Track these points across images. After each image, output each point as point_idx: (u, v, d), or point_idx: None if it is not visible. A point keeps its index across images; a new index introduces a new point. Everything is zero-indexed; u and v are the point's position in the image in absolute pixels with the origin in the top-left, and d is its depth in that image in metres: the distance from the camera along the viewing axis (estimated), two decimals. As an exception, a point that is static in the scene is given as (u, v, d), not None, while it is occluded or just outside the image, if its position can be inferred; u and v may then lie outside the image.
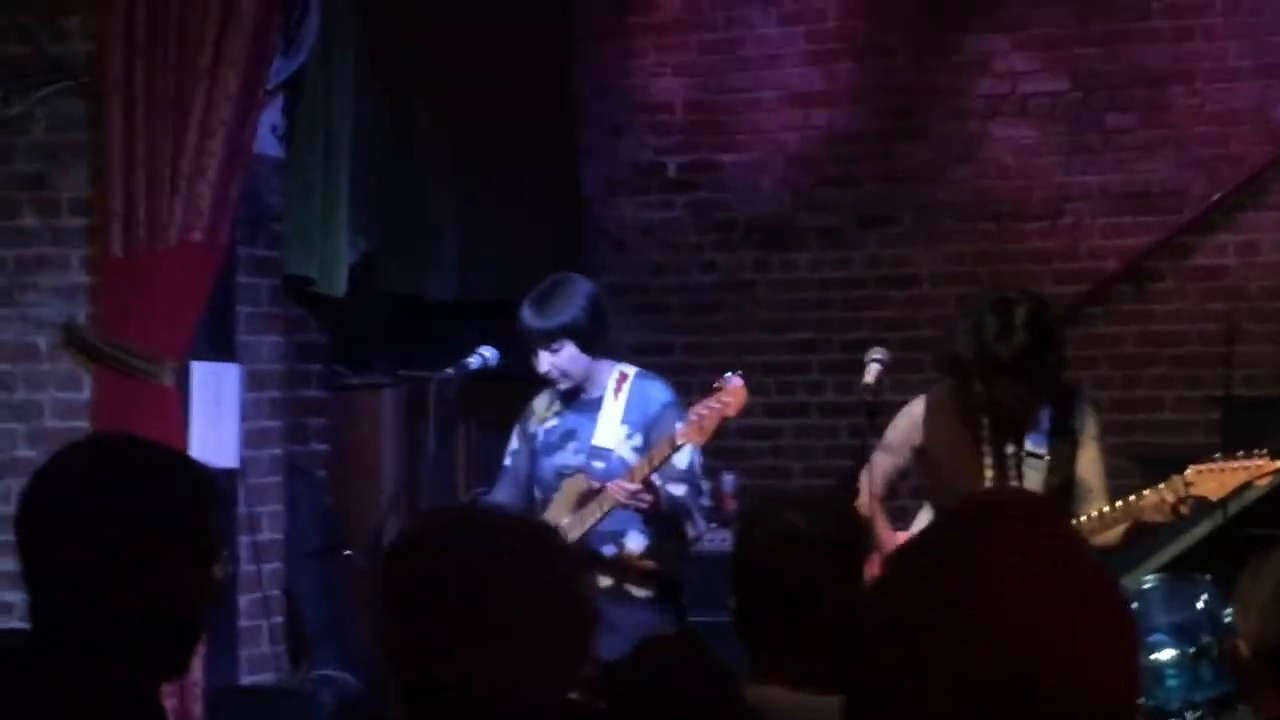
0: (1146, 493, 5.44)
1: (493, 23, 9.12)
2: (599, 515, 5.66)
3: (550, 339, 5.81)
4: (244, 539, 7.02)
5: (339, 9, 7.70)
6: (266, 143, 7.17)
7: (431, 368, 6.42)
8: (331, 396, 8.01)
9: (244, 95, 6.46)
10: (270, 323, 7.34)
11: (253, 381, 7.19)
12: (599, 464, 5.77)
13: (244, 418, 7.01)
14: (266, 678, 7.18)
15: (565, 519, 5.73)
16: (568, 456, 5.88)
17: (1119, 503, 5.46)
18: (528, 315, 5.84)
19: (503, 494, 6.15)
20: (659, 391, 5.84)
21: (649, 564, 5.80)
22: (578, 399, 5.92)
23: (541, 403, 6.05)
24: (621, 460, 5.75)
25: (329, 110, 7.66)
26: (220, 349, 6.93)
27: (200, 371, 6.71)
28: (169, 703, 5.99)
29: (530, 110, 9.39)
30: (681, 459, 5.73)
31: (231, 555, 6.74)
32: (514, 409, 8.57)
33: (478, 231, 8.95)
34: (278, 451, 7.36)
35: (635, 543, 5.81)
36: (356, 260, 7.96)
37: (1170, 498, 5.36)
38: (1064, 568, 1.74)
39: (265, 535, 7.15)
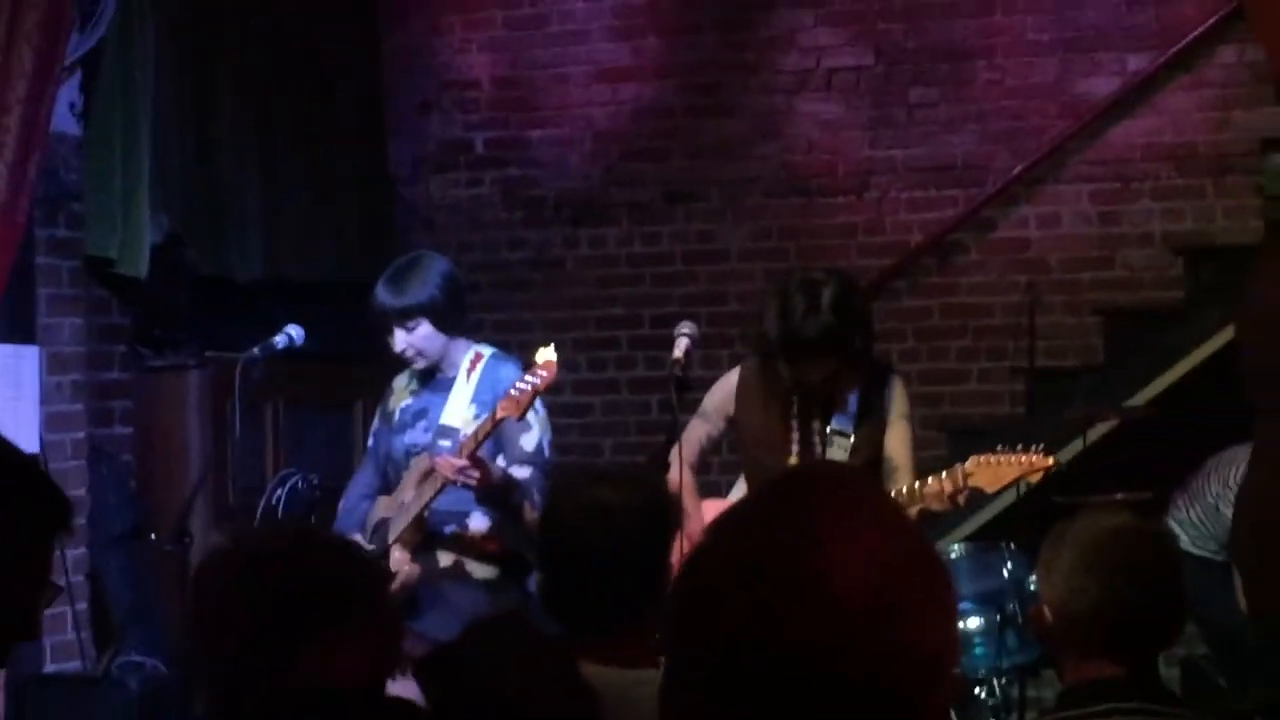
0: (929, 480, 5.50)
1: (298, -1, 9.04)
2: (433, 492, 5.62)
3: (405, 317, 5.78)
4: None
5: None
6: (65, 120, 7.05)
7: (238, 349, 6.33)
8: (135, 379, 7.89)
9: (40, 71, 6.34)
10: (71, 305, 7.23)
11: (54, 364, 7.07)
12: (445, 442, 5.73)
13: (45, 401, 6.90)
14: (72, 665, 7.07)
15: (408, 496, 5.70)
16: (417, 435, 5.86)
17: (903, 488, 5.51)
18: (382, 293, 5.81)
19: (364, 473, 6.12)
20: (509, 372, 5.80)
21: (489, 543, 5.76)
22: (434, 378, 5.89)
23: (400, 381, 6.02)
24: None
25: (129, 87, 7.53)
26: (20, 332, 6.81)
27: (-1, 354, 6.59)
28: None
29: (337, 88, 9.31)
30: (529, 440, 5.71)
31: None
32: (322, 389, 8.54)
33: (284, 211, 8.86)
34: (80, 435, 7.25)
35: (478, 522, 5.76)
36: (160, 240, 7.84)
37: (949, 488, 5.42)
38: (882, 531, 1.74)
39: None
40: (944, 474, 5.50)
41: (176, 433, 7.88)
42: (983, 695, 6.90)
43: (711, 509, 5.61)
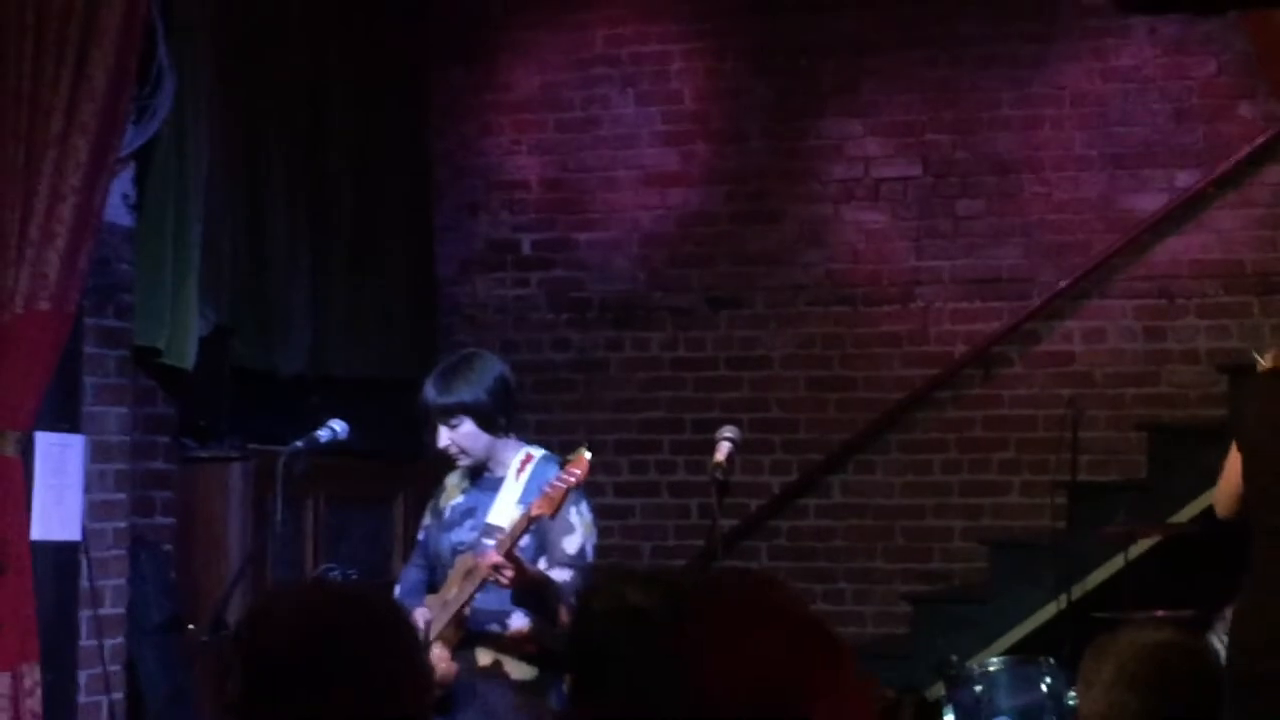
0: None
1: (352, 97, 9.11)
2: (473, 589, 5.60)
3: (448, 414, 5.78)
4: (86, 613, 6.91)
5: (196, 79, 7.65)
6: (117, 211, 7.10)
7: (282, 442, 6.35)
8: (178, 469, 7.92)
9: (94, 162, 6.38)
10: (117, 394, 7.25)
11: (98, 453, 7.09)
12: (490, 541, 5.71)
13: (88, 490, 6.91)
14: (106, 754, 7.06)
15: (451, 594, 5.69)
16: (464, 533, 5.83)
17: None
18: (429, 389, 5.81)
19: (412, 569, 6.08)
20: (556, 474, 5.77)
21: (528, 644, 5.72)
22: (483, 477, 5.88)
23: (453, 479, 6.00)
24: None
25: (182, 180, 7.60)
26: (66, 419, 6.83)
27: (44, 442, 6.61)
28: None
29: (386, 186, 9.37)
30: (571, 543, 5.67)
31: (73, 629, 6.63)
32: (363, 484, 8.56)
33: (331, 307, 8.90)
34: (122, 524, 7.26)
35: (518, 622, 5.72)
36: (206, 332, 7.88)
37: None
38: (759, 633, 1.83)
39: (108, 609, 7.04)
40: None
41: (217, 524, 7.89)
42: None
43: None
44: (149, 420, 7.77)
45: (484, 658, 5.73)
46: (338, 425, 6.10)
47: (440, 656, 5.67)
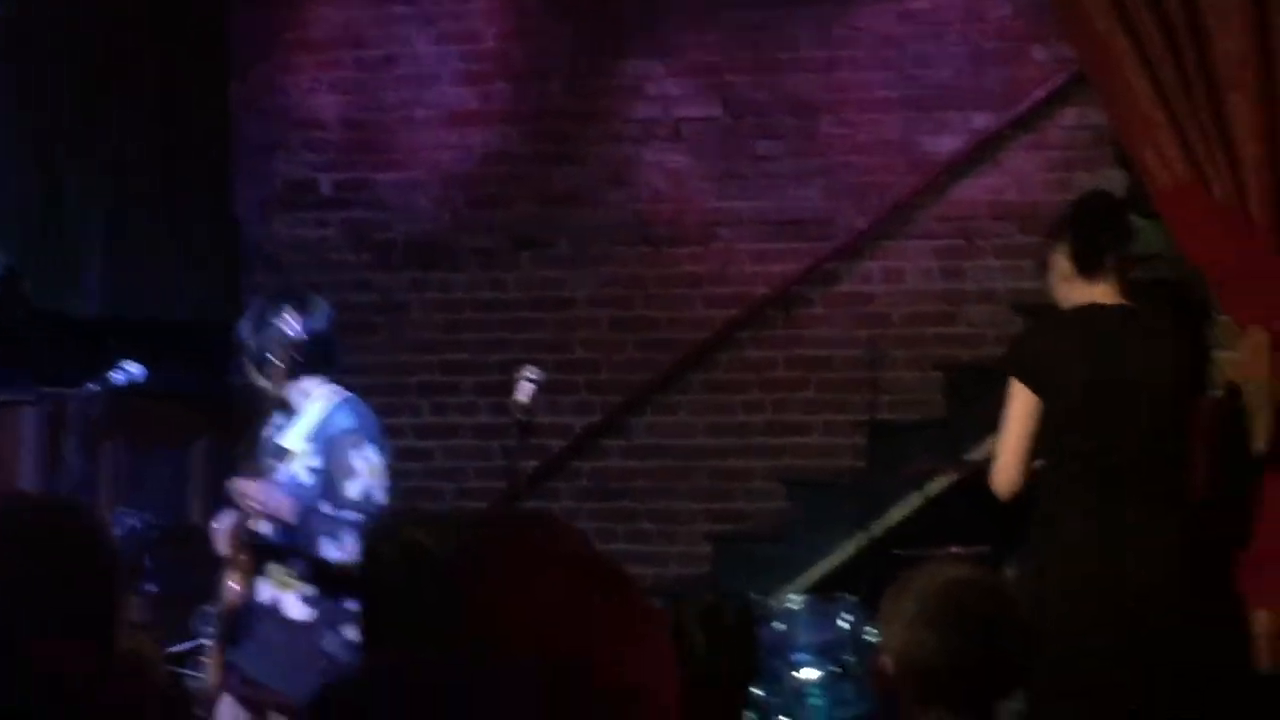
0: None
1: (149, 35, 8.95)
2: (240, 515, 5.62)
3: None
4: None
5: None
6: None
7: (78, 385, 6.24)
8: (-31, 414, 7.76)
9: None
10: (-96, 337, 7.09)
11: (-114, 397, 6.94)
12: (275, 462, 5.68)
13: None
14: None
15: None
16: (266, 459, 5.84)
17: None
18: (243, 328, 5.79)
19: None
20: (344, 418, 5.73)
21: (307, 585, 5.69)
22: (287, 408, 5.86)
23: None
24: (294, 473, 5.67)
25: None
26: None
27: None
28: None
29: (184, 127, 9.23)
30: (353, 487, 5.62)
31: None
32: (162, 427, 8.44)
33: (128, 248, 8.76)
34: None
35: (300, 565, 5.71)
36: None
37: None
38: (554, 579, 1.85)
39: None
40: None
41: (9, 469, 7.76)
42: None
43: None
44: (-62, 364, 7.61)
45: (265, 593, 5.70)
46: (132, 367, 6.02)
47: (230, 579, 5.63)
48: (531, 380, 5.67)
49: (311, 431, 5.72)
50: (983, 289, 9.04)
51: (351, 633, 5.49)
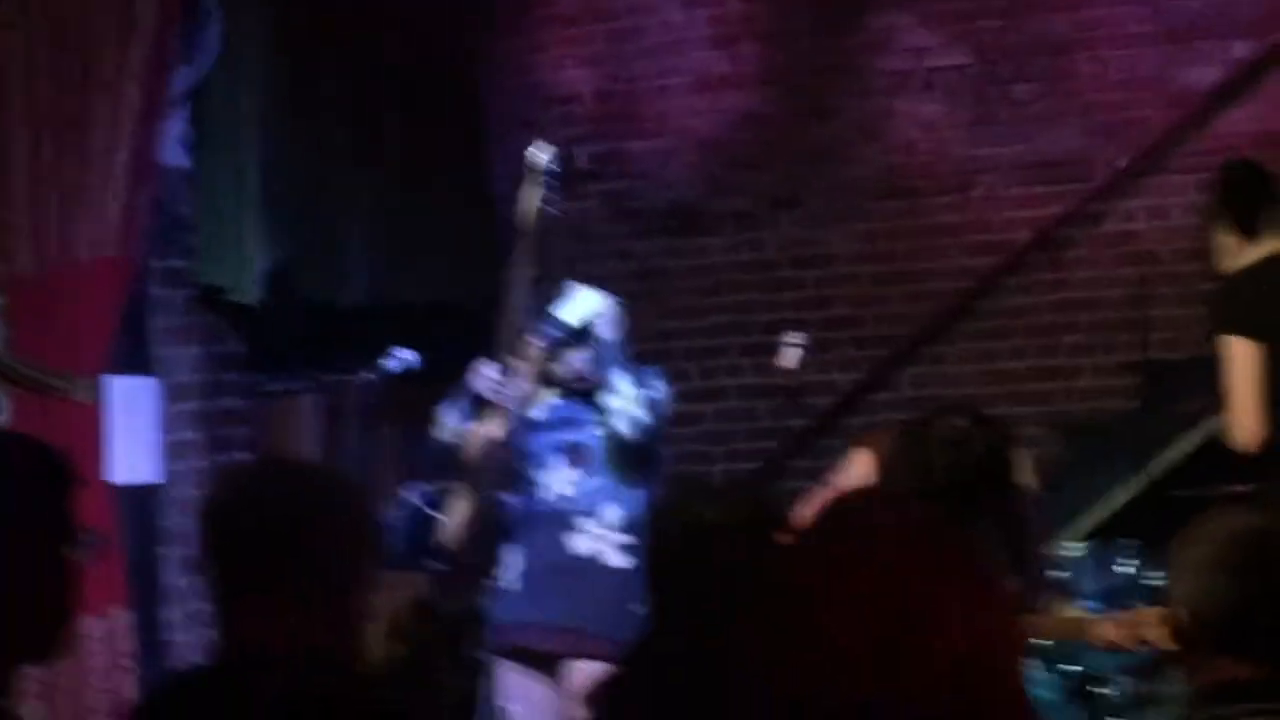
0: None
1: (400, 21, 9.08)
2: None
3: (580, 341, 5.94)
4: (169, 552, 6.97)
5: (243, 14, 7.64)
6: (173, 153, 7.12)
7: (351, 372, 6.38)
8: (251, 405, 7.96)
9: (147, 107, 6.40)
10: (185, 334, 7.29)
11: (171, 394, 7.14)
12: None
13: (164, 431, 6.96)
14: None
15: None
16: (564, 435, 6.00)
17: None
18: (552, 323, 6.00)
19: None
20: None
21: (623, 534, 5.86)
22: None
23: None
24: None
25: (236, 117, 7.61)
26: (136, 363, 6.88)
27: (117, 387, 6.65)
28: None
29: (438, 108, 9.35)
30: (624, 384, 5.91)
31: (97, 544, 6.69)
32: (434, 408, 8.57)
33: (390, 234, 8.91)
34: (200, 464, 7.31)
35: (613, 513, 5.86)
36: (270, 267, 7.91)
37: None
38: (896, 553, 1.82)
39: (193, 549, 7.09)
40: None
41: (292, 457, 7.93)
42: (1106, 692, 6.87)
43: None
44: (219, 358, 7.80)
45: (581, 546, 5.85)
46: (405, 353, 6.16)
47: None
48: (796, 345, 5.71)
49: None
50: (1250, 220, 8.85)
51: None
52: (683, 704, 3.27)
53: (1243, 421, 5.46)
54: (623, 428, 5.82)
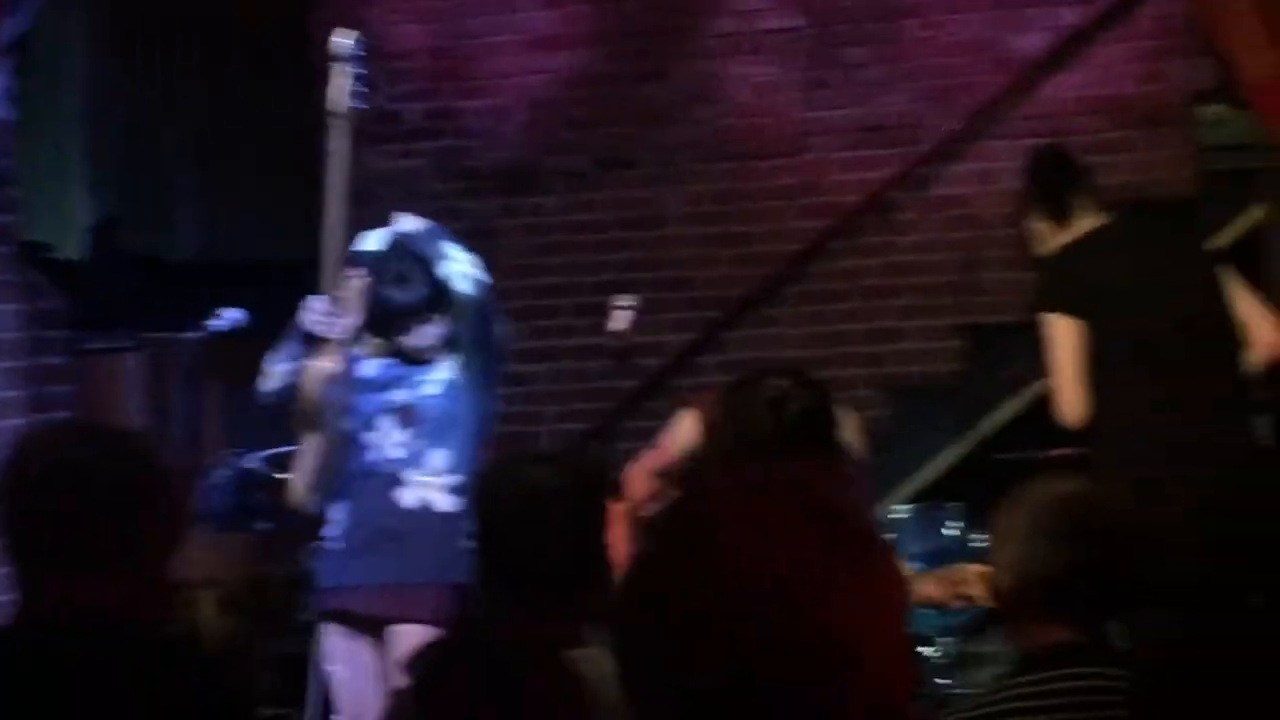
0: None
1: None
2: None
3: (434, 311, 5.86)
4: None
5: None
6: (-4, 105, 6.99)
7: (176, 330, 6.30)
8: (74, 363, 7.83)
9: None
10: (6, 290, 7.16)
11: (-9, 351, 7.01)
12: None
13: (-16, 389, 6.84)
14: None
15: None
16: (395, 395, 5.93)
17: None
18: (399, 294, 5.90)
19: None
20: None
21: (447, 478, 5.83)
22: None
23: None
24: None
25: (61, 70, 7.49)
26: (-45, 320, 6.75)
27: (-65, 344, 6.53)
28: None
29: (268, 66, 9.25)
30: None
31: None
32: (259, 367, 8.50)
33: (218, 190, 8.82)
34: (20, 422, 7.18)
35: (438, 460, 5.83)
36: (94, 222, 7.79)
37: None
38: (792, 515, 1.77)
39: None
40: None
41: (116, 415, 7.83)
42: (929, 653, 6.95)
43: None
44: (41, 315, 7.66)
45: (409, 499, 5.82)
46: (232, 313, 6.08)
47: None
48: (626, 308, 5.70)
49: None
50: (1076, 186, 8.95)
51: None
52: (508, 669, 3.26)
53: (1066, 398, 5.59)
54: (467, 288, 5.78)
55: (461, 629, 3.13)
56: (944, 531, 7.12)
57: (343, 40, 5.79)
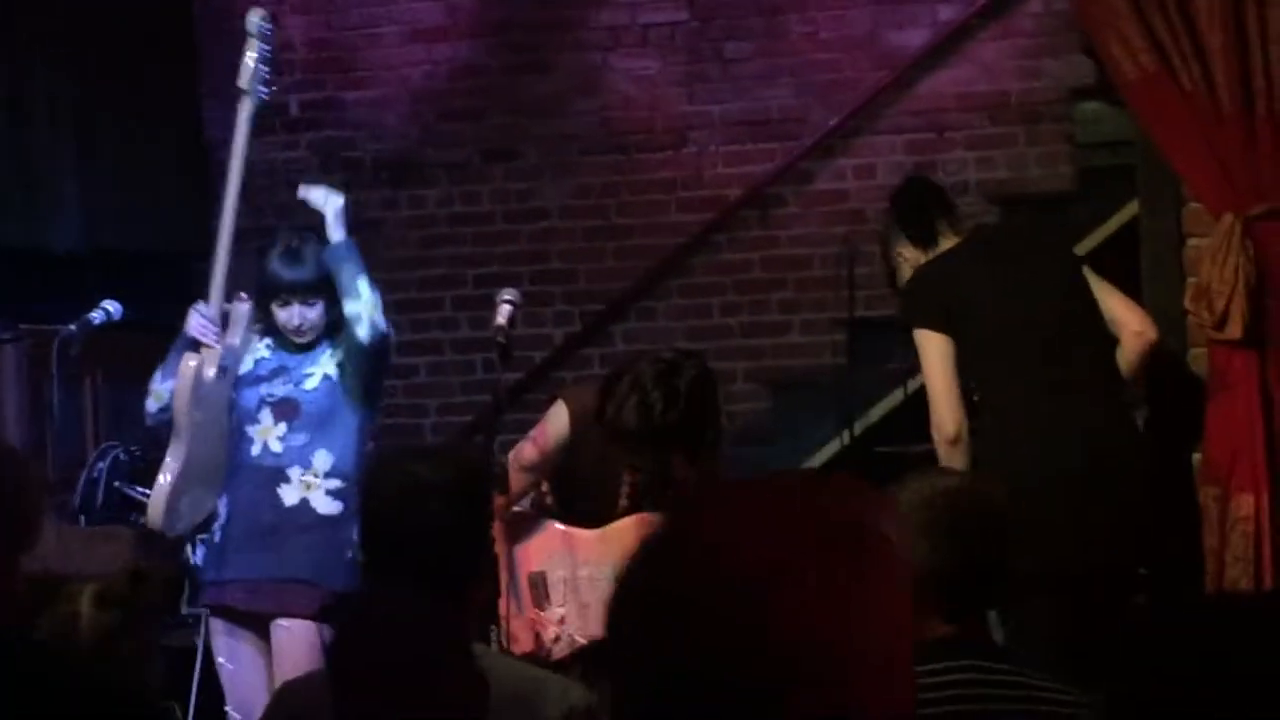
0: None
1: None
2: None
3: (310, 293, 5.81)
4: None
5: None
6: None
7: (55, 321, 6.25)
8: (-49, 354, 7.77)
9: None
10: (-118, 280, 7.09)
11: None
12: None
13: None
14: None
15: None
16: (276, 387, 5.87)
17: None
18: (283, 269, 5.83)
19: None
20: None
21: (331, 480, 5.80)
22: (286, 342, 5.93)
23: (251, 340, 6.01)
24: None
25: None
26: None
27: None
28: None
29: (149, 54, 9.18)
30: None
31: None
32: (140, 360, 8.43)
33: (100, 180, 8.74)
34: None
35: (322, 460, 5.80)
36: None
37: None
38: (775, 518, 1.75)
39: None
40: None
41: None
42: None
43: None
44: (-83, 305, 7.60)
45: (290, 496, 5.80)
46: (111, 306, 6.04)
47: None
48: (510, 302, 5.71)
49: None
50: (956, 181, 9.02)
51: None
52: (394, 664, 3.26)
53: (939, 410, 5.66)
54: (363, 334, 5.76)
55: (352, 622, 3.13)
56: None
57: (253, 17, 5.80)
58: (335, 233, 5.90)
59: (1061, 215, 8.56)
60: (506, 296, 5.73)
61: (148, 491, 6.11)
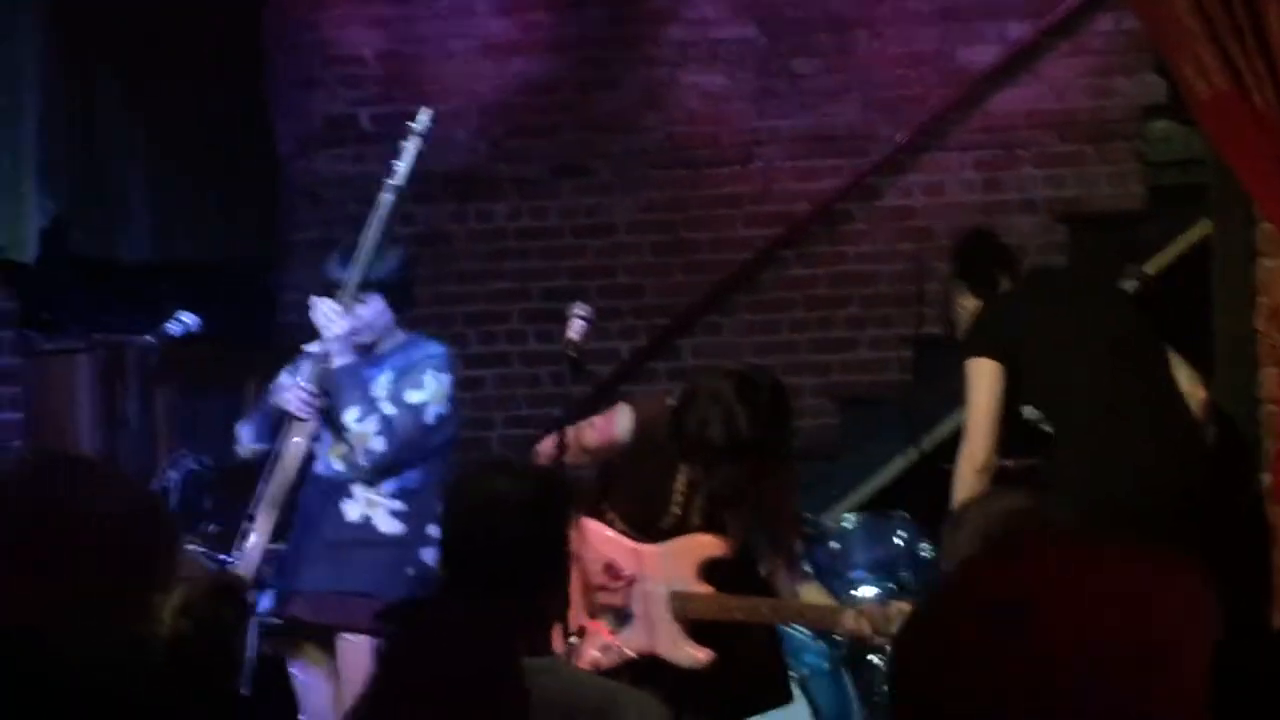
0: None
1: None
2: None
3: (361, 290, 5.86)
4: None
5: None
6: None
7: (128, 331, 6.31)
8: (23, 364, 7.83)
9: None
10: (-43, 291, 7.16)
11: (-58, 352, 7.01)
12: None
13: (-66, 390, 6.84)
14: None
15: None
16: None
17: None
18: (336, 267, 5.88)
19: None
20: (432, 346, 5.95)
21: (394, 501, 5.83)
22: (368, 353, 5.95)
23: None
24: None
25: (10, 70, 7.46)
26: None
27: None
28: None
29: (219, 66, 9.24)
30: (413, 395, 5.82)
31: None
32: (213, 370, 8.51)
33: (171, 191, 8.80)
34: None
35: (388, 485, 5.84)
36: (46, 224, 7.78)
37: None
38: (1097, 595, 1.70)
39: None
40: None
41: (65, 418, 7.82)
42: (878, 661, 6.99)
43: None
44: (-8, 315, 7.67)
45: (353, 513, 5.84)
46: (188, 318, 6.10)
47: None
48: (582, 317, 5.73)
49: (397, 375, 5.86)
50: (1023, 199, 9.05)
51: None
52: (463, 676, 3.28)
53: (974, 438, 5.71)
54: (361, 460, 5.79)
55: (419, 633, 3.16)
56: (892, 540, 7.17)
57: (422, 117, 5.88)
58: (336, 359, 5.85)
59: (1131, 234, 8.55)
60: (579, 311, 5.76)
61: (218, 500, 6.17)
